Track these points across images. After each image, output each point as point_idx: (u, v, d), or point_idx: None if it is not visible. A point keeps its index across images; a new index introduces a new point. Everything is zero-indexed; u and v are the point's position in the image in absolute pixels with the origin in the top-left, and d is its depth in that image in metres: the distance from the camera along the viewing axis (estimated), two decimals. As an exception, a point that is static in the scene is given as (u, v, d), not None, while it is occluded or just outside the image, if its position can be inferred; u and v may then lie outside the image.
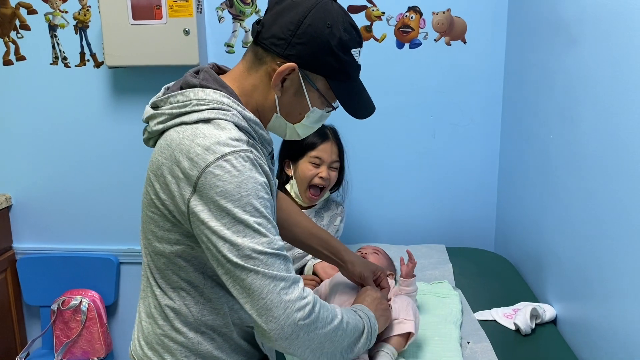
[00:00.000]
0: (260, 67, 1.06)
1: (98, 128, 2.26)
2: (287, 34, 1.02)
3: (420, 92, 2.14)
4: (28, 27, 2.20)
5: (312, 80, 1.06)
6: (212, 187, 0.93)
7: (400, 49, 2.11)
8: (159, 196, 1.01)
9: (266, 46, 1.03)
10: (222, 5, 2.12)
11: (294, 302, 0.94)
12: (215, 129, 0.97)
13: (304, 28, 1.01)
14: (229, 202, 0.93)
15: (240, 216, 0.93)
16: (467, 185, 2.21)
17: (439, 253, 1.96)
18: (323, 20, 1.02)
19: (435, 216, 2.23)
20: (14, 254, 2.38)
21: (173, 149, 0.98)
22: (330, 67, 1.05)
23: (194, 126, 0.98)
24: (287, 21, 1.02)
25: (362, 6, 2.08)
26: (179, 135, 0.98)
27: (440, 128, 2.17)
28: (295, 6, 1.03)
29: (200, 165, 0.94)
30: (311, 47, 1.02)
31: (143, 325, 1.14)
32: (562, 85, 1.56)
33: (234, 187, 0.93)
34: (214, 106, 1.00)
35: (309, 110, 1.09)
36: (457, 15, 2.07)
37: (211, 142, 0.95)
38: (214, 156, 0.94)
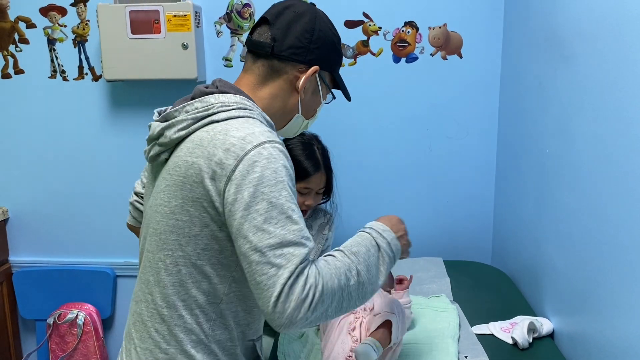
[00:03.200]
0: (278, 77, 1.13)
1: (96, 141, 2.26)
2: (305, 42, 1.12)
3: (417, 106, 2.15)
4: (27, 40, 2.21)
5: (324, 78, 1.18)
6: (249, 173, 0.96)
7: (396, 63, 2.13)
8: (190, 197, 1.01)
9: (285, 57, 1.11)
10: (220, 19, 2.13)
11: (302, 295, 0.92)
12: (246, 123, 1.02)
13: (317, 34, 1.13)
14: (266, 186, 0.95)
15: (276, 202, 0.95)
16: (464, 198, 2.21)
17: (436, 266, 1.97)
18: (326, 25, 1.16)
19: (432, 229, 2.24)
20: (10, 267, 2.38)
21: (205, 146, 1.00)
22: (335, 63, 1.20)
23: (225, 122, 1.02)
24: (300, 31, 1.12)
25: (359, 21, 2.10)
26: (210, 133, 1.02)
27: (437, 141, 2.18)
28: (299, 17, 1.13)
29: (237, 154, 0.97)
30: (324, 49, 1.15)
31: (139, 352, 1.10)
32: (558, 99, 1.57)
33: (271, 172, 0.96)
34: (239, 106, 1.05)
35: (321, 104, 1.22)
36: (453, 30, 2.09)
37: (246, 133, 0.99)
38: (251, 145, 0.98)
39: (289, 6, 1.14)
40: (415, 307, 1.59)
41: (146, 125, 2.31)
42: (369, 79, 2.13)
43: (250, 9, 2.12)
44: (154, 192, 1.12)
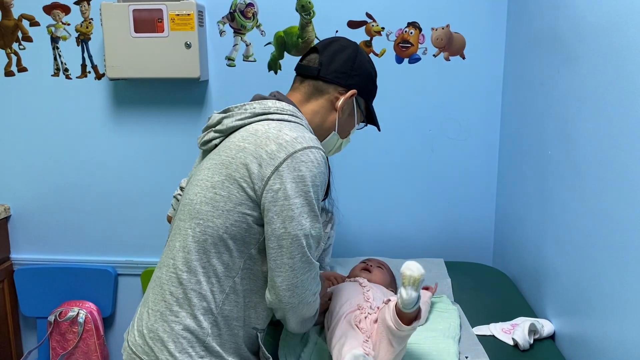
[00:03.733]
0: (321, 96, 1.31)
1: (98, 139, 2.27)
2: (347, 69, 1.31)
3: (419, 107, 2.15)
4: (30, 38, 2.21)
5: (360, 103, 1.37)
6: (294, 169, 1.12)
7: (399, 63, 2.13)
8: (232, 176, 1.15)
9: (330, 79, 1.30)
10: (223, 19, 2.14)
11: (315, 289, 1.19)
12: (297, 127, 1.19)
13: (358, 64, 1.32)
14: (305, 185, 1.12)
15: (310, 200, 1.13)
16: (465, 199, 2.21)
17: (437, 267, 1.97)
18: (365, 58, 1.36)
19: (433, 230, 2.24)
20: (12, 265, 2.38)
21: (259, 136, 1.16)
22: (370, 92, 1.39)
23: (279, 122, 1.19)
24: (344, 59, 1.31)
25: (362, 21, 2.10)
26: (265, 127, 1.18)
27: (439, 142, 2.18)
28: (344, 49, 1.33)
29: (288, 149, 1.12)
30: (363, 77, 1.34)
31: (150, 314, 1.20)
32: (560, 101, 1.57)
33: (312, 175, 1.13)
34: (292, 113, 1.23)
35: (355, 127, 1.39)
36: (456, 31, 2.09)
37: (298, 135, 1.15)
38: (301, 145, 1.14)
39: (336, 40, 1.36)
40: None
41: (148, 124, 2.33)
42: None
43: (253, 8, 2.12)
44: (198, 170, 1.26)
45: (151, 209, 2.30)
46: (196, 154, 2.21)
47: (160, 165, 2.26)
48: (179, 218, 1.23)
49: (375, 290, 1.48)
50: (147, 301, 1.25)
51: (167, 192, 2.28)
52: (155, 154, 2.26)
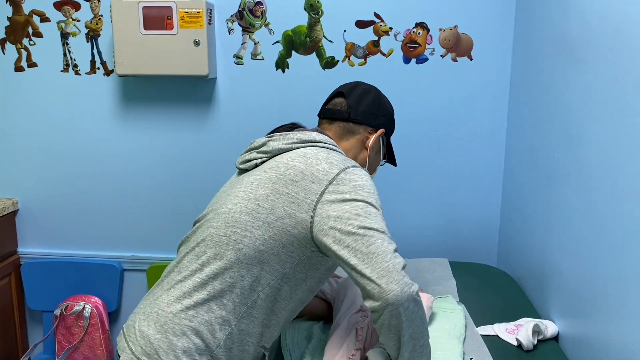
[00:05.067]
0: (352, 136, 1.39)
1: (106, 135, 2.28)
2: (374, 110, 1.40)
3: (426, 107, 2.16)
4: (40, 34, 2.23)
5: (384, 141, 1.45)
6: (350, 180, 1.16)
7: (407, 64, 2.13)
8: (280, 191, 1.17)
9: (359, 120, 1.38)
10: (232, 17, 2.15)
11: (407, 278, 1.07)
12: (343, 156, 1.25)
13: (382, 105, 1.42)
14: (364, 192, 1.15)
15: (374, 204, 1.14)
16: (471, 200, 2.22)
17: (442, 267, 1.97)
18: (385, 99, 1.46)
19: (438, 230, 2.24)
20: (19, 258, 2.40)
21: (308, 157, 1.20)
22: (391, 131, 1.47)
23: (325, 149, 1.25)
24: (371, 101, 1.40)
25: (370, 21, 2.11)
26: (314, 151, 1.23)
27: (445, 143, 2.19)
28: (368, 92, 1.42)
29: (340, 166, 1.18)
30: (387, 117, 1.43)
31: (159, 314, 1.18)
32: (567, 103, 1.57)
33: (369, 184, 1.17)
34: (336, 146, 1.31)
35: (380, 163, 1.48)
36: (464, 32, 2.09)
37: (345, 159, 1.23)
38: (350, 164, 1.21)
39: (359, 84, 1.43)
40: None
41: (156, 120, 2.34)
42: (379, 79, 2.13)
43: (262, 7, 2.13)
44: (237, 183, 1.27)
45: (158, 205, 2.31)
46: (204, 151, 2.25)
47: (168, 162, 2.28)
48: (212, 226, 1.21)
49: None
50: (164, 278, 1.24)
51: (174, 189, 2.30)
52: (162, 151, 2.27)
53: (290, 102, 2.19)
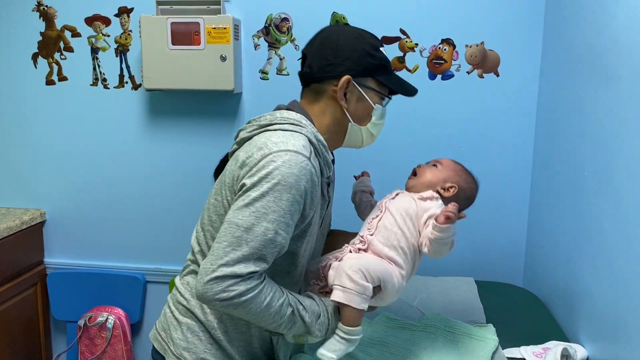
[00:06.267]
0: (321, 96, 1.27)
1: (132, 148, 2.31)
2: (331, 58, 1.23)
3: (451, 123, 2.14)
4: (71, 49, 2.28)
5: (365, 83, 1.26)
6: (264, 167, 1.10)
7: (432, 80, 2.12)
8: (226, 183, 1.18)
9: (320, 77, 1.25)
10: (258, 33, 2.17)
11: (224, 286, 1.07)
12: (289, 135, 1.16)
13: (342, 48, 1.24)
14: (267, 182, 1.09)
15: (266, 196, 1.08)
16: (497, 218, 2.18)
17: (467, 286, 1.94)
18: (351, 36, 1.26)
19: (463, 248, 2.20)
20: (45, 269, 2.43)
21: (252, 145, 1.16)
22: (372, 67, 1.26)
23: (273, 131, 1.18)
24: (326, 51, 1.25)
25: (395, 37, 2.11)
26: (260, 137, 1.18)
27: (470, 159, 2.13)
28: (325, 40, 1.27)
29: (264, 152, 1.12)
30: (353, 58, 1.23)
31: (165, 311, 1.33)
32: (598, 121, 1.54)
33: (280, 175, 1.09)
34: (293, 122, 1.20)
35: (373, 108, 1.29)
36: (491, 49, 2.08)
37: (280, 140, 1.14)
38: (277, 148, 1.12)
39: (317, 35, 1.30)
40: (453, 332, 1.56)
41: (182, 134, 2.37)
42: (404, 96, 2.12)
43: (288, 23, 2.14)
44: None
45: (182, 218, 2.33)
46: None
47: (193, 175, 2.29)
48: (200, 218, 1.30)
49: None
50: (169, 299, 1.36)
51: (198, 202, 2.31)
52: (187, 164, 2.29)
53: (315, 117, 2.19)
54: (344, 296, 1.18)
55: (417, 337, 1.56)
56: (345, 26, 1.30)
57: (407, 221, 1.30)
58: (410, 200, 1.34)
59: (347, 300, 1.18)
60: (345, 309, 1.19)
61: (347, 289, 1.18)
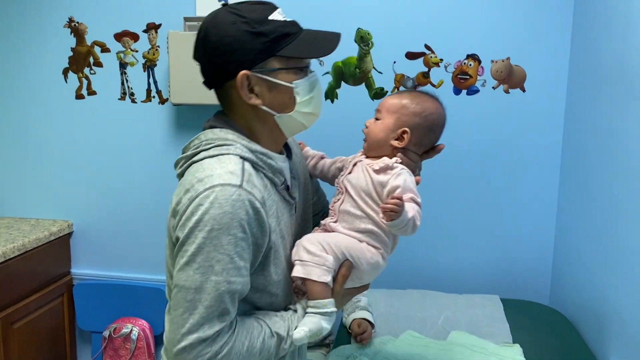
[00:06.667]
0: (231, 101, 1.11)
1: (159, 161, 2.34)
2: (217, 59, 1.06)
3: (476, 139, 2.12)
4: (101, 64, 2.33)
5: (268, 67, 1.07)
6: (193, 214, 0.99)
7: (457, 95, 2.11)
8: (167, 230, 1.10)
9: (216, 84, 1.11)
10: (283, 48, 2.18)
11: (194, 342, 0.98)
12: (215, 162, 1.04)
13: (221, 42, 1.05)
14: (200, 231, 0.98)
15: (204, 247, 0.98)
16: (522, 235, 2.15)
17: (492, 303, 1.91)
18: (226, 23, 1.05)
19: (488, 266, 2.18)
20: (72, 279, 2.47)
21: (181, 186, 1.06)
22: (265, 46, 1.05)
23: (200, 163, 1.06)
24: (210, 52, 1.07)
25: (420, 53, 2.11)
26: (187, 174, 1.07)
27: (495, 175, 2.14)
28: (204, 39, 1.08)
29: (192, 195, 1.00)
30: (236, 50, 1.05)
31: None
32: (628, 140, 1.52)
33: (211, 219, 0.97)
34: (218, 143, 1.08)
35: (293, 87, 1.09)
36: (517, 64, 2.06)
37: (206, 175, 1.01)
38: (203, 187, 1.00)
39: (197, 36, 1.11)
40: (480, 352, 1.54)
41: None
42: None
43: (313, 38, 2.16)
44: None
45: (206, 231, 2.34)
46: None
47: (217, 189, 2.31)
48: None
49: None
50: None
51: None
52: (212, 178, 2.31)
53: (339, 132, 2.19)
54: (303, 270, 1.11)
55: (442, 356, 1.54)
56: (218, 12, 1.08)
57: (369, 201, 1.16)
58: (365, 175, 1.17)
59: (306, 274, 1.11)
60: (308, 284, 1.12)
61: (305, 261, 1.11)
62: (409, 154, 1.21)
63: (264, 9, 1.08)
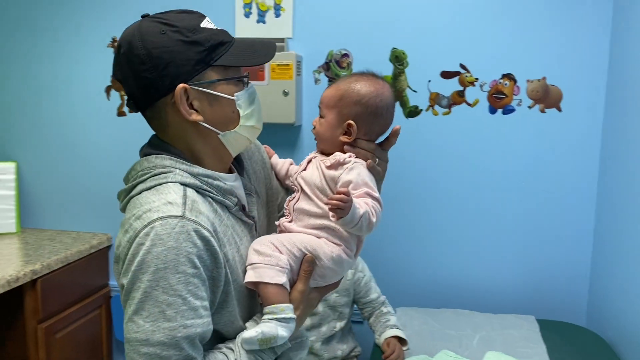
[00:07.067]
0: (165, 120, 0.99)
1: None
2: (148, 74, 0.94)
3: (511, 158, 2.12)
4: (142, 82, 2.40)
5: (206, 79, 0.97)
6: (135, 257, 0.88)
7: (492, 114, 2.12)
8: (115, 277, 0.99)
9: (150, 102, 0.98)
10: (319, 68, 2.23)
11: None
12: (153, 194, 0.94)
13: (152, 54, 0.94)
14: (144, 273, 0.87)
15: (150, 291, 0.87)
16: (558, 255, 2.13)
17: (528, 325, 1.90)
18: (154, 33, 0.94)
19: (523, 285, 2.16)
20: (110, 291, 2.54)
21: (121, 228, 0.95)
22: (200, 56, 0.96)
23: (137, 197, 0.96)
24: (137, 67, 0.95)
25: (455, 72, 2.12)
26: (126, 212, 0.97)
27: (531, 195, 2.13)
28: (129, 53, 0.95)
29: (131, 236, 0.90)
30: (169, 62, 0.94)
31: None
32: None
33: (155, 258, 0.87)
34: (155, 172, 0.97)
35: (235, 99, 1.00)
36: (553, 84, 2.06)
37: (143, 211, 0.91)
38: (142, 224, 0.89)
39: (117, 51, 0.98)
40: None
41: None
42: (464, 129, 2.14)
43: (348, 58, 2.20)
44: None
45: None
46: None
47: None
48: None
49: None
50: None
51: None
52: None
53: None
54: (254, 273, 1.00)
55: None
56: (141, 23, 0.96)
57: (323, 198, 1.07)
58: (319, 171, 1.10)
59: (257, 277, 1.00)
60: (261, 287, 1.00)
61: (255, 264, 1.01)
62: (361, 144, 1.11)
63: (192, 17, 0.98)
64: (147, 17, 0.99)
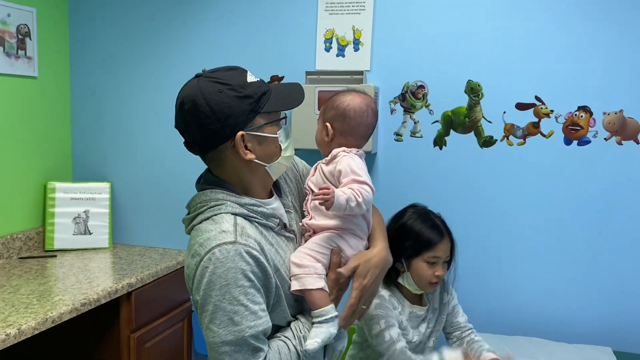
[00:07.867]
0: (224, 160, 1.20)
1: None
2: (213, 126, 1.15)
3: (587, 188, 2.14)
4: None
5: (257, 125, 1.19)
6: (202, 277, 1.11)
7: (568, 145, 2.15)
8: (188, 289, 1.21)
9: (212, 147, 1.18)
10: (395, 99, 2.33)
11: None
12: (210, 224, 1.16)
13: (214, 110, 1.14)
14: (212, 290, 1.10)
15: (219, 304, 1.10)
16: (636, 286, 2.12)
17: (605, 356, 1.90)
18: (213, 92, 1.14)
19: (599, 315, 2.16)
20: (191, 305, 2.69)
21: (188, 252, 1.18)
22: (251, 106, 1.17)
23: (198, 227, 1.18)
24: (203, 121, 1.15)
25: (530, 104, 2.18)
26: (190, 240, 1.19)
27: (608, 226, 2.14)
28: (193, 109, 1.15)
29: (197, 260, 1.13)
30: (229, 115, 1.15)
31: None
32: None
33: (218, 277, 1.10)
34: (210, 204, 1.19)
35: (277, 137, 1.23)
36: (630, 117, 2.08)
37: (204, 239, 1.14)
38: (204, 250, 1.12)
39: (179, 108, 1.19)
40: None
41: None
42: (539, 159, 2.18)
43: (424, 90, 2.29)
44: None
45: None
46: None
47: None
48: None
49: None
50: None
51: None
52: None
53: (446, 176, 2.29)
54: (298, 283, 1.23)
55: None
56: (196, 83, 1.17)
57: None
58: (319, 172, 1.36)
59: (301, 286, 1.22)
60: (306, 294, 1.23)
61: (297, 275, 1.23)
62: (344, 140, 1.37)
63: (239, 73, 1.19)
64: (201, 76, 1.19)
